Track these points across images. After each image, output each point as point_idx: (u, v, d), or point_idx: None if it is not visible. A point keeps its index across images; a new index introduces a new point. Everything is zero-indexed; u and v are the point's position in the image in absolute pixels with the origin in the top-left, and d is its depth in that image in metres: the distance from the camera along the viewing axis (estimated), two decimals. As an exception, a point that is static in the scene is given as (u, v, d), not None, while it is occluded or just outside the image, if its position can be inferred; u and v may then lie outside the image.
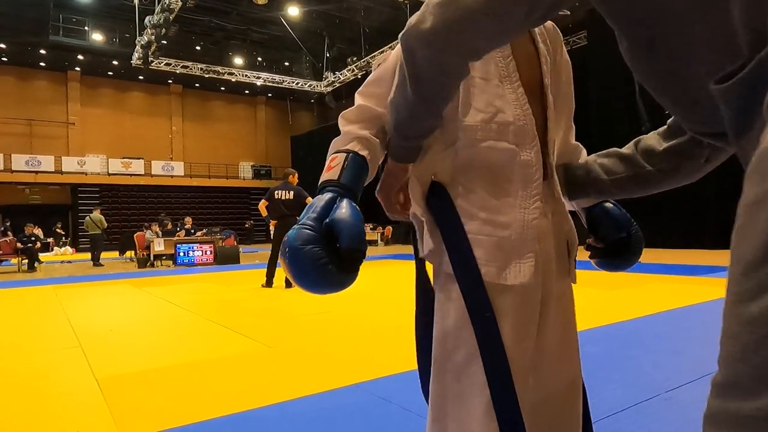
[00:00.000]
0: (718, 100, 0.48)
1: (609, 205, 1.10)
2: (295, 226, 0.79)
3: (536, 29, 0.93)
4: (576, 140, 1.09)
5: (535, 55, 0.92)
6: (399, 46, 0.76)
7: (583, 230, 1.10)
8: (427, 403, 0.90)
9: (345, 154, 0.89)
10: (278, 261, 0.82)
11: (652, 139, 0.93)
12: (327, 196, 0.82)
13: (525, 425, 0.81)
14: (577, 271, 0.99)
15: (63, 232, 20.28)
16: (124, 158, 24.39)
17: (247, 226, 25.71)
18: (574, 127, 1.11)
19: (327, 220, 0.78)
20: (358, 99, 0.97)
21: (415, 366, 0.99)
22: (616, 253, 1.13)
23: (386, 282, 7.44)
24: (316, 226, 0.78)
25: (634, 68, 0.61)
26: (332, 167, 0.88)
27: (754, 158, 0.38)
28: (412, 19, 0.70)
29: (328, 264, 0.76)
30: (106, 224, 13.25)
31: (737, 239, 0.38)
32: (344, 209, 0.80)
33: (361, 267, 0.82)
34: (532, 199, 0.85)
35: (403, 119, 0.81)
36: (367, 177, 0.93)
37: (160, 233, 12.68)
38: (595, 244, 1.13)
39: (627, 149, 0.98)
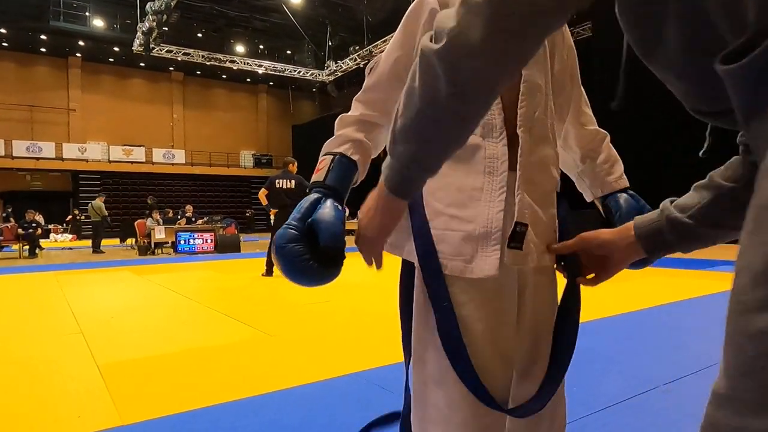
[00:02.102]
0: (725, 81, 0.44)
1: (624, 195, 1.08)
2: (283, 225, 0.86)
3: None
4: None
5: None
6: (417, 54, 0.64)
7: (601, 221, 1.07)
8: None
9: (332, 157, 0.93)
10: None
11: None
12: (313, 197, 0.89)
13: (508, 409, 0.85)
14: None
15: (73, 216, 19.82)
16: (125, 145, 24.35)
17: (247, 214, 25.72)
18: (588, 112, 1.09)
19: (309, 219, 0.85)
20: (357, 106, 0.98)
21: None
22: None
23: (386, 273, 7.45)
24: (299, 225, 0.85)
25: (634, 42, 0.56)
26: (320, 169, 0.93)
27: None
28: (443, 27, 0.58)
29: (309, 260, 0.83)
30: (105, 212, 13.26)
31: (747, 244, 0.36)
32: (326, 209, 0.86)
33: (344, 262, 0.88)
34: (498, 192, 0.85)
35: (430, 151, 0.67)
36: (354, 178, 0.96)
37: (161, 221, 12.69)
38: None
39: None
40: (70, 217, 20.14)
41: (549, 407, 0.93)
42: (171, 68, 25.77)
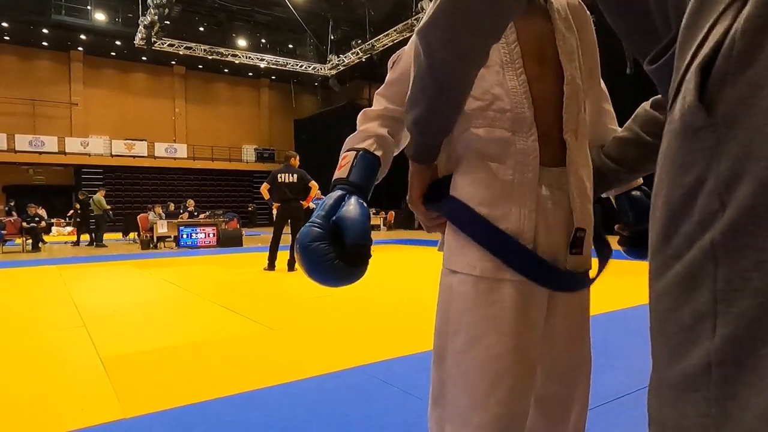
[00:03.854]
0: (653, 79, 0.51)
1: (636, 193, 1.07)
2: (307, 223, 0.83)
3: (555, 5, 0.88)
4: None
5: (550, 31, 0.87)
6: (414, 39, 0.75)
7: (613, 215, 1.08)
8: None
9: (355, 153, 0.91)
10: (295, 252, 0.86)
11: (648, 112, 0.93)
12: (336, 194, 0.86)
13: (529, 413, 0.82)
14: None
15: (75, 210, 19.74)
16: (127, 140, 24.36)
17: (249, 209, 25.74)
18: (609, 110, 1.07)
19: (334, 217, 0.83)
20: (380, 100, 0.97)
21: (417, 350, 1.00)
22: (643, 242, 1.08)
23: (388, 267, 7.45)
24: (323, 224, 0.82)
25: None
26: (342, 165, 0.91)
27: (659, 153, 0.41)
28: (428, 11, 0.69)
29: (335, 259, 0.81)
30: (106, 206, 13.27)
31: (650, 227, 0.41)
32: (350, 207, 0.84)
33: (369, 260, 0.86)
34: (529, 190, 0.81)
35: (422, 115, 0.78)
36: (378, 174, 0.94)
37: (163, 215, 12.71)
38: (621, 232, 1.11)
39: (626, 131, 0.97)
40: (71, 211, 20.16)
41: (576, 410, 0.92)
42: (173, 62, 25.72)
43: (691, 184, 0.35)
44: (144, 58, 24.91)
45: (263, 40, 23.80)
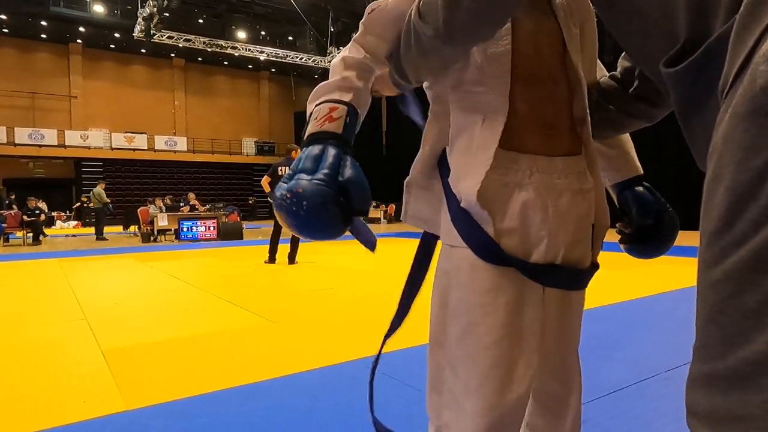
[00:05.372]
0: (667, 83, 0.51)
1: (640, 189, 1.06)
2: (309, 178, 0.76)
3: (558, 1, 0.87)
4: None
5: (556, 26, 0.86)
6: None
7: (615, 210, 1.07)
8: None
9: (346, 108, 0.85)
10: (281, 211, 0.79)
11: (609, 82, 0.96)
12: (333, 151, 0.80)
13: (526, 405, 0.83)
14: None
15: (81, 203, 19.61)
16: (127, 133, 24.30)
17: (250, 202, 25.72)
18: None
19: (341, 179, 0.78)
20: (357, 48, 0.90)
21: (417, 342, 1.00)
22: (644, 240, 1.08)
23: (389, 260, 7.46)
24: (331, 183, 0.77)
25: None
26: (334, 118, 0.83)
27: (714, 139, 0.41)
28: None
29: (339, 221, 0.78)
30: (106, 199, 13.28)
31: (702, 215, 0.41)
32: (356, 170, 0.79)
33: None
34: (483, 170, 0.81)
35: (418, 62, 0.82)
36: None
37: (163, 208, 12.71)
38: (623, 229, 1.09)
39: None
40: (78, 204, 20.13)
41: (573, 407, 0.93)
42: (172, 54, 25.61)
43: (760, 167, 0.35)
44: (143, 51, 24.80)
45: (263, 32, 23.66)
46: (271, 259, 7.01)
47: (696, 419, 0.38)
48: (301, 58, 22.88)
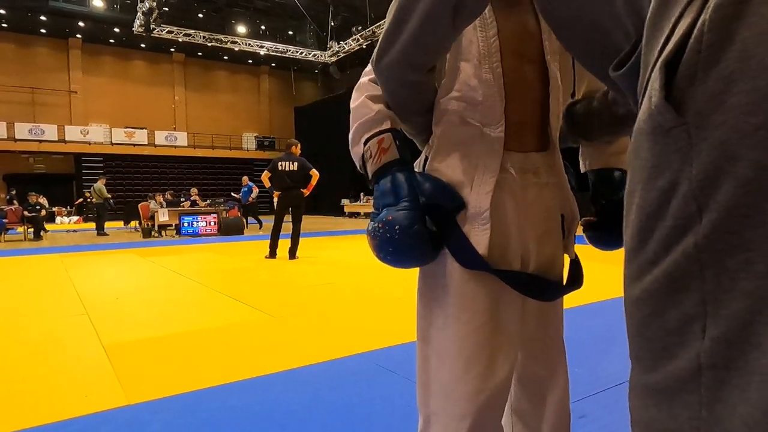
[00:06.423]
0: (619, 86, 0.51)
1: (618, 174, 1.06)
2: (396, 208, 0.82)
3: None
4: None
5: (537, 29, 0.90)
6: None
7: (586, 203, 1.08)
8: None
9: (391, 134, 0.90)
10: (376, 241, 0.83)
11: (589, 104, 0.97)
12: (401, 176, 0.85)
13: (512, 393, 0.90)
14: (579, 246, 0.98)
15: (84, 199, 19.57)
16: (127, 128, 24.26)
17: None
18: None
19: (422, 198, 0.83)
20: (373, 84, 0.96)
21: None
22: (608, 227, 1.06)
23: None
24: (417, 206, 0.82)
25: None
26: (386, 149, 0.88)
27: (628, 152, 0.41)
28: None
29: (429, 243, 0.83)
30: (107, 194, 13.27)
31: (624, 228, 0.41)
32: (429, 181, 0.86)
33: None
34: (490, 177, 0.85)
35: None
36: None
37: (164, 203, 12.71)
38: (588, 218, 1.08)
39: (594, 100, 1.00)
40: (79, 200, 20.10)
41: (556, 402, 0.96)
42: (172, 49, 25.51)
43: (664, 187, 0.34)
44: (143, 46, 24.72)
45: (263, 27, 23.57)
46: (272, 254, 7.01)
47: (638, 428, 0.38)
48: (301, 53, 22.81)
